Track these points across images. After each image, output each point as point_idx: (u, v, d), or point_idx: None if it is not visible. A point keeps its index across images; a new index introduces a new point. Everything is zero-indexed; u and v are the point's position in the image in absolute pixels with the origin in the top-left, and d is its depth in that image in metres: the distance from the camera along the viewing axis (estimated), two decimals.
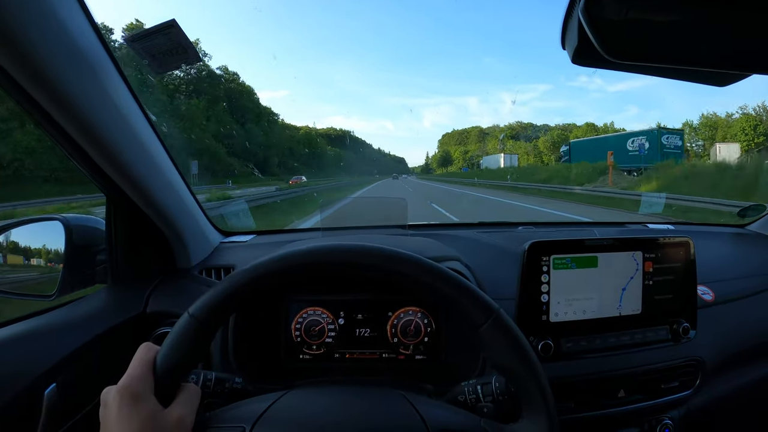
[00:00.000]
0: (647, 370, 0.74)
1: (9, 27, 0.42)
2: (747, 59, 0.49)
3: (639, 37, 0.46)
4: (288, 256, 0.47)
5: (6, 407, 0.53)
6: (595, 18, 0.42)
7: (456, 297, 0.46)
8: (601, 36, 0.43)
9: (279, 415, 0.43)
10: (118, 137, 0.60)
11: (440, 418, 0.44)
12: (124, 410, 0.39)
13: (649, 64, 0.51)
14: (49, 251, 0.84)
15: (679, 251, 0.75)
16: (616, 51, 0.44)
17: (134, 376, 0.41)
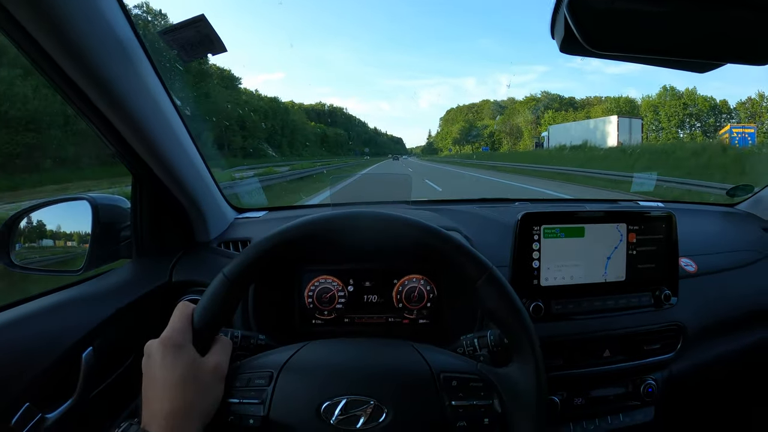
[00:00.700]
0: (630, 333, 0.81)
1: (63, 23, 0.48)
2: (721, 50, 0.55)
3: (620, 30, 0.51)
4: (308, 222, 0.53)
5: (48, 369, 0.60)
6: (579, 12, 0.47)
7: (455, 255, 0.53)
8: (584, 29, 0.48)
9: (301, 361, 0.50)
10: (150, 120, 0.67)
11: (442, 361, 0.51)
12: (168, 358, 0.46)
13: (630, 54, 0.57)
14: (77, 229, 0.90)
15: (662, 224, 0.81)
16: (598, 43, 0.50)
17: (175, 328, 0.48)
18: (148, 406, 0.45)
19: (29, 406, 0.56)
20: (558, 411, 0.78)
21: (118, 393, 0.71)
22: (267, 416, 0.46)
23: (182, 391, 0.44)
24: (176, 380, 0.44)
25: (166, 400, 0.44)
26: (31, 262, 0.91)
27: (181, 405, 0.44)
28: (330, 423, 0.46)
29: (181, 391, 0.44)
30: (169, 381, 0.44)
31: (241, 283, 0.52)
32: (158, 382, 0.45)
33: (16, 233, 0.85)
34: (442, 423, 0.47)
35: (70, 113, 0.64)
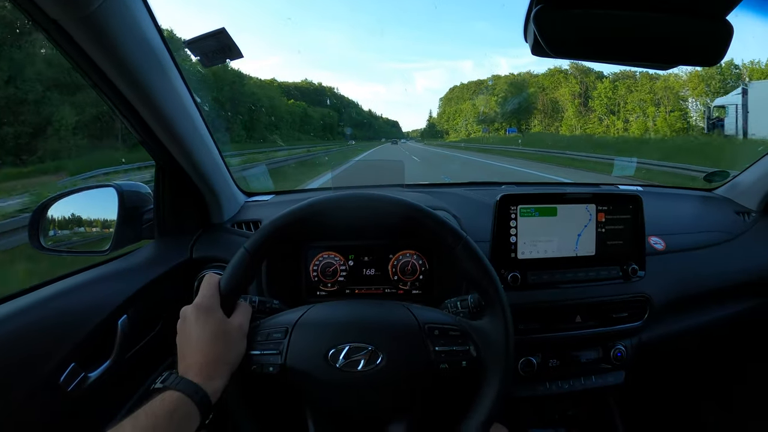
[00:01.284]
0: (600, 301, 0.90)
1: (106, 33, 0.57)
2: (674, 54, 0.62)
3: (581, 39, 0.57)
4: (315, 202, 0.64)
5: (90, 334, 0.69)
6: (544, 24, 0.55)
7: (435, 227, 0.63)
8: (549, 39, 0.56)
9: (311, 318, 0.61)
10: (175, 114, 0.76)
11: (426, 315, 0.62)
12: (200, 320, 0.56)
13: (594, 59, 0.65)
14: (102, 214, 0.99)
15: (629, 205, 0.90)
16: (562, 50, 0.57)
17: (206, 295, 0.58)
18: (183, 360, 0.54)
19: (75, 366, 0.66)
20: (534, 370, 0.87)
21: (149, 355, 0.81)
22: (284, 364, 0.57)
23: (213, 346, 0.54)
24: (208, 337, 0.54)
25: (199, 353, 0.53)
26: (60, 244, 1.01)
27: (212, 357, 0.54)
28: (336, 366, 0.56)
29: (212, 345, 0.54)
30: (202, 338, 0.54)
31: (259, 256, 0.62)
32: (193, 339, 0.55)
33: (46, 218, 0.94)
34: (427, 364, 0.58)
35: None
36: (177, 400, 0.48)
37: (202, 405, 0.50)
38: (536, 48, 0.60)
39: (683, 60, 0.63)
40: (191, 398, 0.49)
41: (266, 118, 29.26)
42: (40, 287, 0.72)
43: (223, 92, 23.43)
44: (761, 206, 1.23)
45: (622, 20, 0.57)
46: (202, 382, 0.51)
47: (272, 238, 0.62)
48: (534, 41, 0.59)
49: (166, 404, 0.48)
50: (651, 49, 0.59)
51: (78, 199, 1.04)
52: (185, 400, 0.49)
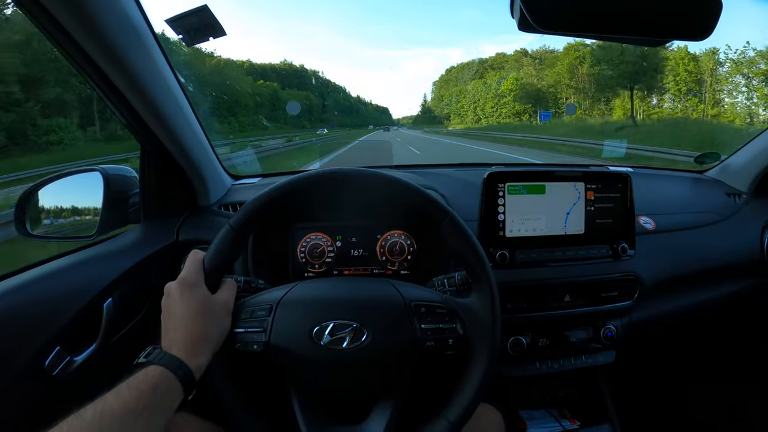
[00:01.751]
0: (589, 280, 0.90)
1: (89, 14, 0.57)
2: (664, 28, 0.61)
3: (568, 12, 0.57)
4: (297, 178, 0.63)
5: (75, 317, 0.68)
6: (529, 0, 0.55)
7: (421, 202, 0.62)
8: (535, 12, 0.56)
9: (295, 295, 0.60)
10: (160, 97, 0.75)
11: (413, 292, 0.61)
12: (185, 295, 0.55)
13: (582, 33, 0.64)
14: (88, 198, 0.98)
15: (618, 183, 0.90)
16: (549, 24, 0.57)
17: (190, 271, 0.57)
18: (167, 335, 0.53)
19: (59, 350, 0.65)
20: (524, 350, 0.87)
21: (135, 339, 0.80)
22: (268, 342, 0.56)
23: (197, 322, 0.53)
24: (192, 313, 0.53)
25: (183, 329, 0.52)
26: (47, 230, 1.00)
27: (196, 333, 0.53)
28: (320, 344, 0.55)
29: (196, 321, 0.53)
30: (186, 313, 0.53)
31: (244, 232, 0.61)
32: (177, 315, 0.54)
33: (31, 204, 0.92)
34: (413, 342, 0.57)
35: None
36: (160, 375, 0.48)
37: (186, 381, 0.49)
38: (523, 23, 0.59)
39: (673, 35, 0.63)
40: (174, 373, 0.48)
41: (222, 100, 23.59)
42: (24, 271, 0.71)
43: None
44: (752, 188, 1.23)
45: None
46: (185, 357, 0.50)
47: (257, 215, 0.61)
48: (520, 15, 0.58)
49: (149, 378, 0.47)
50: (641, 24, 0.58)
51: (64, 185, 1.03)
52: (168, 375, 0.48)
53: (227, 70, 31.19)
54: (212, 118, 12.99)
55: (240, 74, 36.66)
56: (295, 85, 53.43)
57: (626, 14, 0.58)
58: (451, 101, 59.65)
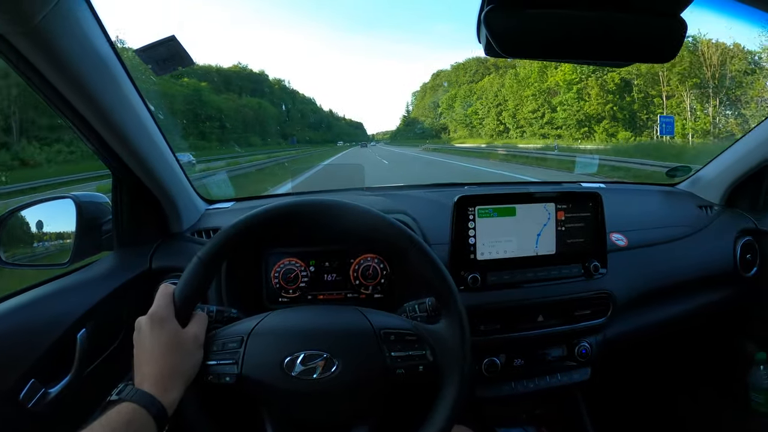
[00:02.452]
0: (562, 300, 0.91)
1: (56, 49, 0.57)
2: (628, 52, 0.62)
3: (532, 39, 0.57)
4: (268, 210, 0.63)
5: (49, 349, 0.68)
6: (494, 26, 0.56)
7: (387, 231, 0.63)
8: (500, 39, 0.57)
9: (266, 326, 0.60)
10: (127, 123, 0.75)
11: (382, 320, 0.61)
12: (155, 330, 0.55)
13: (546, 58, 0.65)
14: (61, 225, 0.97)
15: (588, 202, 0.91)
16: (513, 50, 0.57)
17: (160, 305, 0.57)
18: (139, 370, 0.53)
19: (34, 382, 0.64)
20: (499, 370, 0.88)
21: (111, 369, 0.80)
22: (240, 373, 0.56)
23: (168, 357, 0.53)
24: (162, 348, 0.54)
25: (154, 364, 0.53)
26: (20, 258, 0.99)
27: (167, 368, 0.53)
28: (292, 375, 0.55)
29: (166, 356, 0.53)
30: (156, 349, 0.53)
31: (213, 264, 0.61)
32: (148, 350, 0.54)
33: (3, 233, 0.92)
34: (383, 370, 0.57)
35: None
36: (133, 412, 0.48)
37: (158, 417, 0.49)
38: (489, 48, 0.60)
39: (638, 57, 0.63)
40: (147, 410, 0.49)
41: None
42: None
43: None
44: (723, 199, 1.26)
45: (574, 19, 0.57)
46: (157, 393, 0.50)
47: (226, 247, 0.61)
48: (486, 42, 0.59)
49: (122, 416, 0.47)
50: (605, 48, 0.59)
51: (36, 212, 1.02)
52: (141, 412, 0.48)
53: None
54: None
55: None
56: (248, 91, 42.41)
57: (590, 39, 0.59)
58: (452, 108, 43.47)
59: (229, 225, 0.62)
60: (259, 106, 38.63)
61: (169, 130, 0.88)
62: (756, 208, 1.25)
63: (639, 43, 0.60)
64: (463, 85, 43.70)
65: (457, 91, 41.57)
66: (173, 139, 0.89)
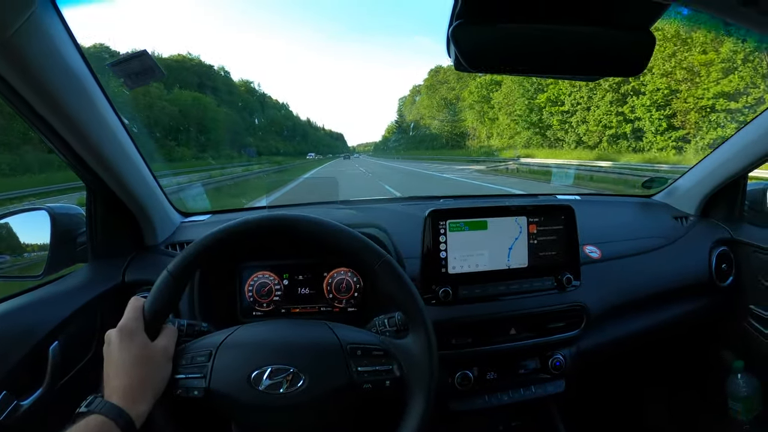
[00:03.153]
0: (534, 313, 0.91)
1: (30, 67, 0.57)
2: (598, 66, 0.63)
3: (499, 55, 0.58)
4: (234, 225, 0.64)
5: (21, 361, 0.68)
6: (461, 42, 0.56)
7: (354, 246, 0.63)
8: (467, 55, 0.57)
9: (235, 340, 0.60)
10: (101, 136, 0.75)
11: (349, 335, 0.61)
12: (124, 343, 0.55)
13: (517, 72, 0.66)
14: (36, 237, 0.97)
15: (561, 216, 0.92)
16: (481, 65, 0.58)
17: (129, 318, 0.58)
18: (109, 383, 0.54)
19: (6, 394, 0.64)
20: (471, 384, 0.88)
21: (83, 382, 0.79)
22: (208, 387, 0.56)
23: (136, 370, 0.54)
24: (131, 361, 0.54)
25: (123, 377, 0.53)
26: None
27: (136, 381, 0.53)
28: (259, 389, 0.56)
29: (135, 369, 0.54)
30: (126, 361, 0.54)
31: (182, 278, 0.61)
32: (117, 363, 0.54)
33: None
34: (350, 385, 0.58)
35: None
36: (101, 424, 0.48)
37: (127, 429, 0.50)
38: (458, 63, 0.61)
39: (607, 71, 0.64)
40: (115, 422, 0.49)
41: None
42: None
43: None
44: (699, 210, 1.28)
45: (542, 34, 0.58)
46: (126, 406, 0.51)
47: (196, 260, 0.62)
48: (456, 57, 0.60)
49: (90, 428, 0.48)
50: (574, 62, 0.60)
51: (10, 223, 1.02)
52: (109, 425, 0.49)
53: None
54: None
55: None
56: (190, 85, 32.38)
57: (560, 54, 0.59)
58: (483, 109, 30.24)
59: (200, 239, 0.62)
60: (197, 104, 26.71)
61: (144, 143, 0.88)
62: (731, 218, 1.26)
63: (609, 57, 0.61)
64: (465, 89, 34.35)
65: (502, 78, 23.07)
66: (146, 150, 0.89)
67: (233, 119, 35.81)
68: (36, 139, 7.22)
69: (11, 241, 1.01)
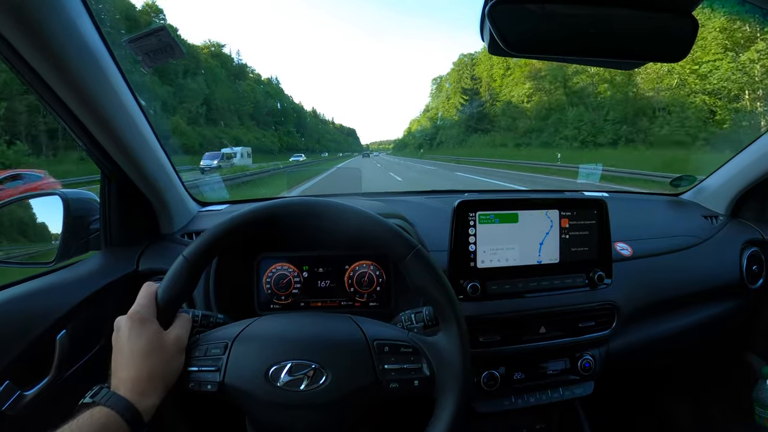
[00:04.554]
0: (565, 311, 0.87)
1: (42, 37, 0.54)
2: (640, 50, 0.60)
3: (538, 36, 0.56)
4: (254, 210, 0.60)
5: (26, 350, 0.65)
6: (499, 21, 0.53)
7: (383, 236, 0.59)
8: (504, 36, 0.54)
9: (252, 332, 0.57)
10: (120, 122, 0.72)
11: (376, 330, 0.57)
12: (134, 331, 0.52)
13: (553, 56, 0.63)
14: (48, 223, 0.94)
15: (593, 210, 0.88)
16: (518, 47, 0.55)
17: (141, 305, 0.54)
18: (116, 374, 0.50)
19: (9, 384, 0.62)
20: (498, 384, 0.84)
21: (91, 373, 0.76)
22: (222, 381, 0.53)
23: (147, 360, 0.50)
24: (142, 350, 0.50)
25: (132, 367, 0.50)
26: (5, 255, 0.96)
27: (146, 372, 0.50)
28: (277, 385, 0.52)
29: (146, 359, 0.50)
30: (135, 350, 0.50)
31: (199, 264, 0.58)
32: (126, 352, 0.51)
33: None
34: (376, 384, 0.54)
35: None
36: (106, 417, 0.45)
37: (133, 423, 0.47)
38: (493, 46, 0.58)
39: (648, 56, 0.62)
40: (121, 416, 0.46)
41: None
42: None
43: None
44: (728, 210, 1.24)
45: (582, 16, 0.55)
46: (134, 398, 0.48)
47: (213, 245, 0.58)
48: (490, 39, 0.56)
49: (94, 421, 0.45)
50: (615, 47, 0.57)
51: (23, 208, 1.00)
52: (115, 418, 0.46)
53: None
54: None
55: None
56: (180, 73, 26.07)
57: (600, 38, 0.57)
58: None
59: (217, 224, 0.59)
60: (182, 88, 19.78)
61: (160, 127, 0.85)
62: (762, 218, 1.22)
63: (649, 42, 0.58)
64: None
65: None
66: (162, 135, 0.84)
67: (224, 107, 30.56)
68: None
69: (23, 227, 0.99)
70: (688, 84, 18.21)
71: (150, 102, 21.46)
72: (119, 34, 0.78)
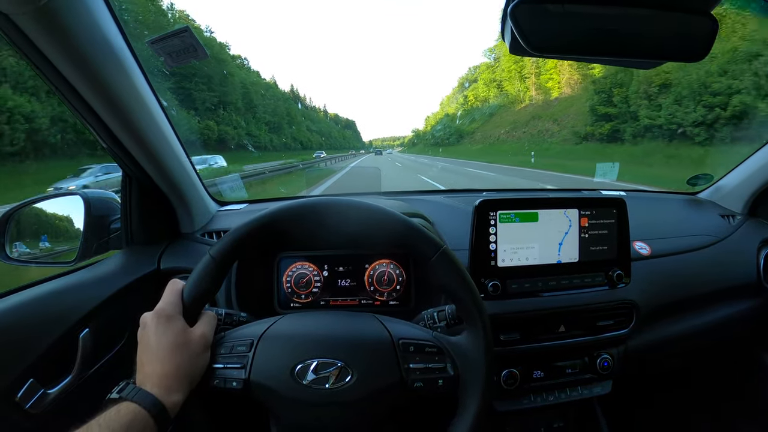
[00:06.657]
0: (584, 309, 0.87)
1: (67, 38, 0.55)
2: (659, 50, 0.60)
3: (560, 36, 0.56)
4: (281, 209, 0.61)
5: (50, 348, 0.66)
6: (521, 21, 0.53)
7: (411, 235, 0.59)
8: (526, 35, 0.54)
9: (278, 330, 0.57)
10: (142, 122, 0.73)
11: (401, 329, 0.58)
12: (160, 327, 0.52)
13: (575, 56, 0.63)
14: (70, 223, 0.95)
15: (612, 209, 0.88)
16: (540, 47, 0.56)
17: (167, 302, 0.55)
18: (142, 369, 0.51)
19: (33, 382, 0.62)
20: (518, 383, 0.84)
21: (113, 371, 0.77)
22: (248, 379, 0.53)
23: (173, 356, 0.51)
24: (168, 346, 0.51)
25: (158, 363, 0.50)
26: (26, 255, 0.97)
27: (171, 368, 0.50)
28: (302, 383, 0.53)
29: (171, 355, 0.51)
30: (161, 347, 0.51)
31: (225, 263, 0.58)
32: (152, 348, 0.51)
33: (10, 228, 0.90)
34: (400, 383, 0.54)
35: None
36: (133, 413, 0.45)
37: (160, 419, 0.47)
38: (514, 45, 0.58)
39: (668, 56, 0.62)
40: (148, 411, 0.46)
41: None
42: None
43: None
44: (746, 209, 1.22)
45: (602, 16, 0.56)
46: (160, 394, 0.48)
47: (239, 244, 0.59)
48: (512, 38, 0.57)
49: (121, 416, 0.45)
50: (634, 46, 0.58)
51: (44, 208, 1.01)
52: (142, 413, 0.46)
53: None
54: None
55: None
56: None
57: (621, 37, 0.57)
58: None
59: (243, 223, 0.59)
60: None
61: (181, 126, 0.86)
62: None
63: (669, 41, 0.58)
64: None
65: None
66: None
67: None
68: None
69: (44, 227, 1.00)
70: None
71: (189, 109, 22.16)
72: (142, 35, 0.78)
